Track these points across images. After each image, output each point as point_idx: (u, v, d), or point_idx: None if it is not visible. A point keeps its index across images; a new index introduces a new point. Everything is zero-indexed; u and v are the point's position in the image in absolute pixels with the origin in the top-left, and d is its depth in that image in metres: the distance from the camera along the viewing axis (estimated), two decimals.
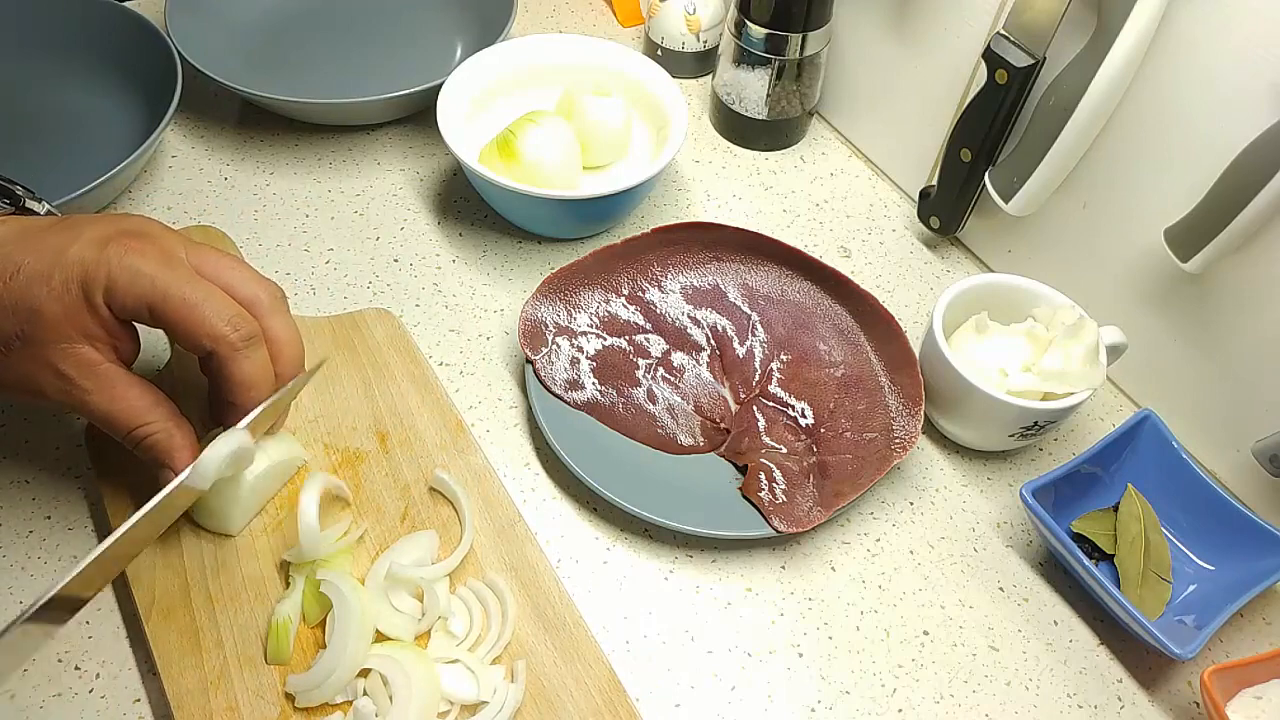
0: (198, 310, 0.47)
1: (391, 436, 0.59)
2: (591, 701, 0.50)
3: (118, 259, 0.46)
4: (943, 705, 0.54)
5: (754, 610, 0.57)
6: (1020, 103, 0.64)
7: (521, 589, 0.53)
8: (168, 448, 0.49)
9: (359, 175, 0.77)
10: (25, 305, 0.45)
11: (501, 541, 0.55)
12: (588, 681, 0.50)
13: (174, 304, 0.46)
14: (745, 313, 0.68)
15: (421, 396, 0.61)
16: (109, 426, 0.48)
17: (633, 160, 0.76)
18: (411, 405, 0.61)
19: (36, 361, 0.46)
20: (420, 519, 0.56)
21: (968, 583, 0.59)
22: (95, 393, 0.47)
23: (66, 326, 0.46)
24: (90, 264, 0.46)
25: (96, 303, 0.46)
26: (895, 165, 0.81)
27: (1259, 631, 0.59)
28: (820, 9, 0.75)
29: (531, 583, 0.53)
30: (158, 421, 0.49)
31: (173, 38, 0.74)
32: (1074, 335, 0.59)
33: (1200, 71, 0.56)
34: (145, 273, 0.46)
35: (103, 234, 0.47)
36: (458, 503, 0.56)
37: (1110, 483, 0.61)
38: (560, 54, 0.78)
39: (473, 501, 0.56)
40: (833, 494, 0.58)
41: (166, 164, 0.76)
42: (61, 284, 0.45)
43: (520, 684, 0.49)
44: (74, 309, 0.46)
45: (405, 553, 0.53)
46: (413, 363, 0.63)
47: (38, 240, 0.47)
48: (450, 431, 0.59)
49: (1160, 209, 0.60)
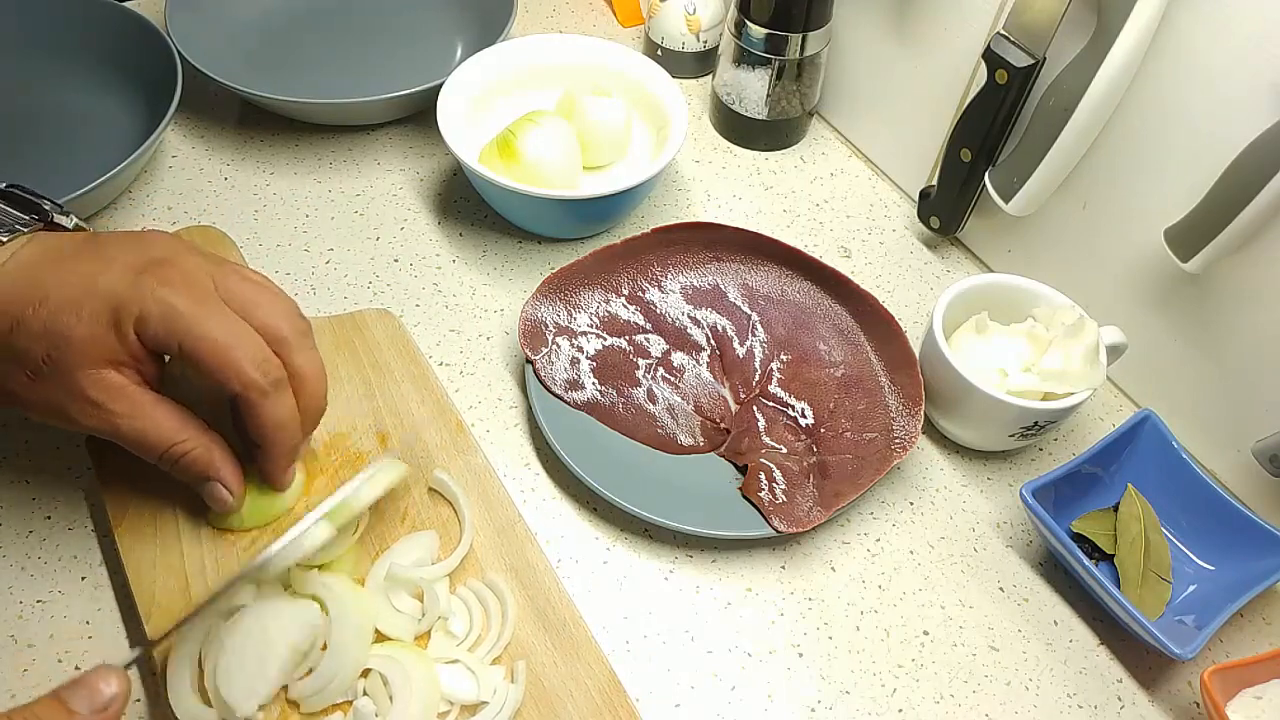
0: (230, 354, 0.47)
1: (392, 437, 0.59)
2: (591, 702, 0.50)
3: (151, 292, 0.46)
4: (943, 705, 0.54)
5: (754, 610, 0.57)
6: (1020, 103, 0.64)
7: (522, 590, 0.53)
8: (208, 461, 0.50)
9: (359, 175, 0.77)
10: (54, 332, 0.45)
11: (502, 542, 0.55)
12: (588, 682, 0.50)
13: (206, 345, 0.46)
14: (745, 313, 0.68)
15: (421, 397, 0.61)
16: (142, 448, 0.48)
17: (633, 160, 0.76)
18: (412, 406, 0.60)
19: (65, 387, 0.46)
20: (420, 519, 0.56)
21: (968, 583, 0.59)
22: (127, 416, 0.47)
23: (95, 353, 0.46)
24: (124, 295, 0.46)
25: (126, 332, 0.46)
26: (895, 165, 0.81)
27: (1259, 631, 0.59)
28: (820, 9, 0.75)
29: (532, 583, 0.53)
30: (191, 438, 0.49)
31: (173, 38, 0.74)
32: (1074, 335, 0.59)
33: (1200, 71, 0.56)
34: (179, 309, 0.46)
35: (135, 262, 0.47)
36: (457, 503, 0.56)
37: (1110, 483, 0.61)
38: (560, 54, 0.78)
39: (472, 502, 0.56)
40: (833, 494, 0.58)
41: (166, 164, 0.76)
42: (91, 314, 0.46)
43: (520, 684, 0.49)
44: (103, 337, 0.46)
45: (405, 553, 0.53)
46: (413, 363, 0.63)
47: (66, 266, 0.47)
48: (450, 432, 0.59)
49: (1160, 209, 0.60)
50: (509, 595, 0.52)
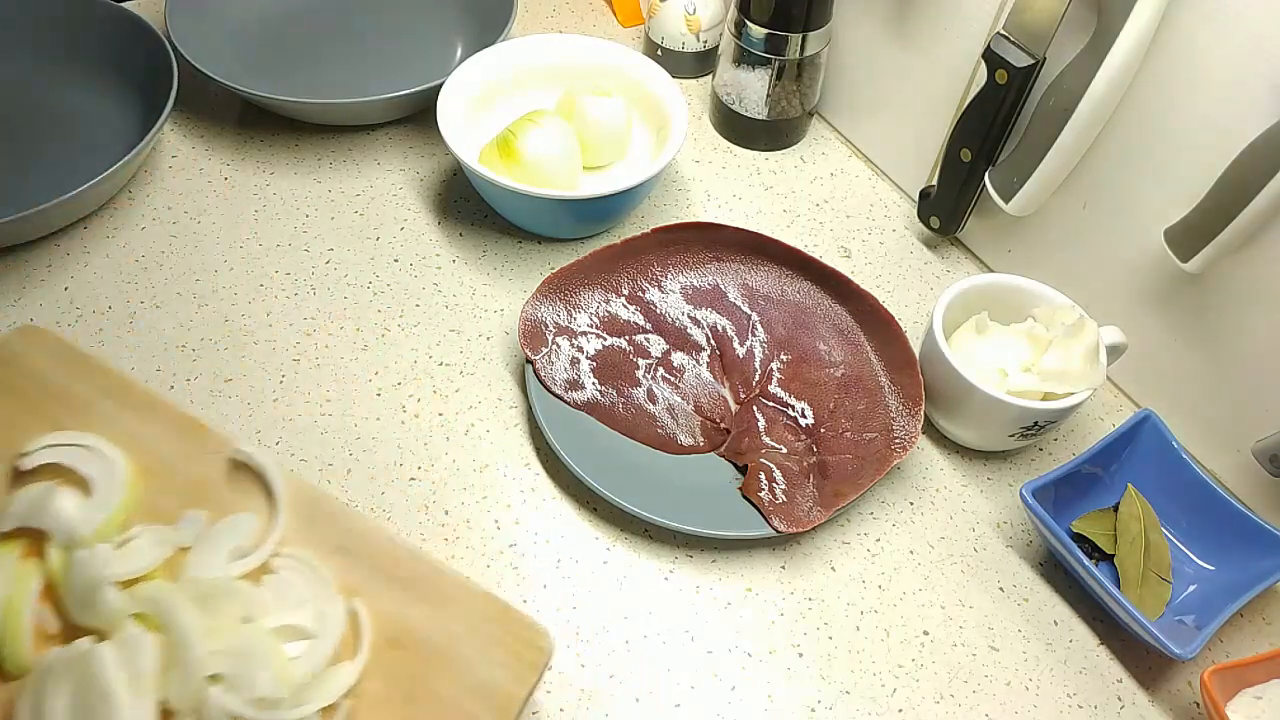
0: None
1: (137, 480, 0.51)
2: (483, 631, 0.47)
3: None
4: (943, 705, 0.54)
5: (754, 610, 0.57)
6: (1020, 103, 0.64)
7: (362, 563, 0.50)
8: None
9: (359, 175, 0.77)
10: None
11: (317, 527, 0.51)
12: (470, 614, 0.48)
13: None
14: (745, 313, 0.68)
15: (139, 416, 0.52)
16: None
17: (633, 160, 0.76)
18: (132, 429, 0.52)
19: None
20: (223, 505, 0.51)
21: (968, 583, 0.59)
22: None
23: None
24: None
25: None
26: (895, 165, 0.81)
27: (1259, 631, 0.59)
28: (820, 9, 0.75)
29: (367, 552, 0.50)
30: None
31: (173, 38, 0.74)
32: (1074, 335, 0.59)
33: (1200, 71, 0.56)
34: None
35: None
36: (266, 476, 0.52)
37: (1110, 483, 0.61)
38: (560, 54, 0.78)
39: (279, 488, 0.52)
40: (833, 494, 0.58)
41: (166, 164, 0.76)
42: None
43: (365, 629, 0.47)
44: None
45: (219, 545, 0.50)
46: (101, 375, 0.53)
47: None
48: (192, 435, 0.52)
49: (1160, 209, 0.60)
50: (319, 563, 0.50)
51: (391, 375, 0.65)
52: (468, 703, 0.46)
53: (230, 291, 0.69)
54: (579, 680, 0.54)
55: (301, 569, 0.50)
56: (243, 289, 0.69)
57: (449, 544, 0.58)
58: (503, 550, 0.58)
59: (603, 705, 0.53)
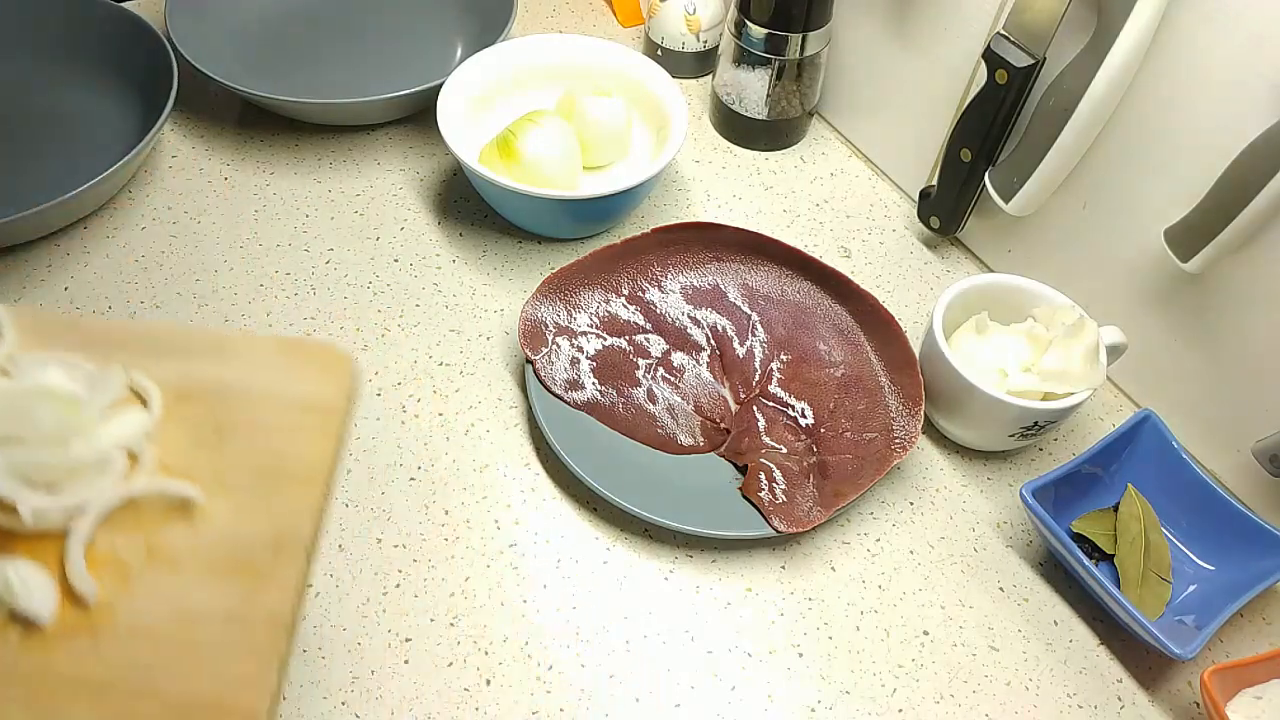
0: None
1: None
2: (277, 363, 0.42)
3: None
4: (943, 705, 0.54)
5: (754, 610, 0.57)
6: (1020, 103, 0.64)
7: (118, 352, 0.43)
8: None
9: (359, 175, 0.77)
10: None
11: (61, 335, 0.43)
12: (258, 355, 0.43)
13: None
14: (745, 313, 0.68)
15: None
16: None
17: (633, 160, 0.76)
18: None
19: None
20: None
21: (968, 583, 0.59)
22: None
23: None
24: None
25: None
26: (895, 165, 0.81)
27: (1259, 631, 0.59)
28: (820, 9, 0.75)
29: (127, 339, 0.44)
30: None
31: (173, 38, 0.74)
32: (1074, 335, 0.59)
33: (1200, 71, 0.56)
34: None
35: None
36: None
37: (1110, 483, 0.61)
38: (560, 54, 0.78)
39: None
40: (833, 494, 0.58)
41: (166, 164, 0.76)
42: None
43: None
44: None
45: None
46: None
47: None
48: None
49: (1160, 209, 0.60)
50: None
51: (391, 375, 0.65)
52: (288, 416, 0.42)
53: (230, 291, 0.69)
54: (579, 680, 0.54)
55: (50, 360, 0.41)
56: (243, 289, 0.69)
57: (449, 544, 0.58)
58: (503, 550, 0.58)
59: (603, 705, 0.53)
